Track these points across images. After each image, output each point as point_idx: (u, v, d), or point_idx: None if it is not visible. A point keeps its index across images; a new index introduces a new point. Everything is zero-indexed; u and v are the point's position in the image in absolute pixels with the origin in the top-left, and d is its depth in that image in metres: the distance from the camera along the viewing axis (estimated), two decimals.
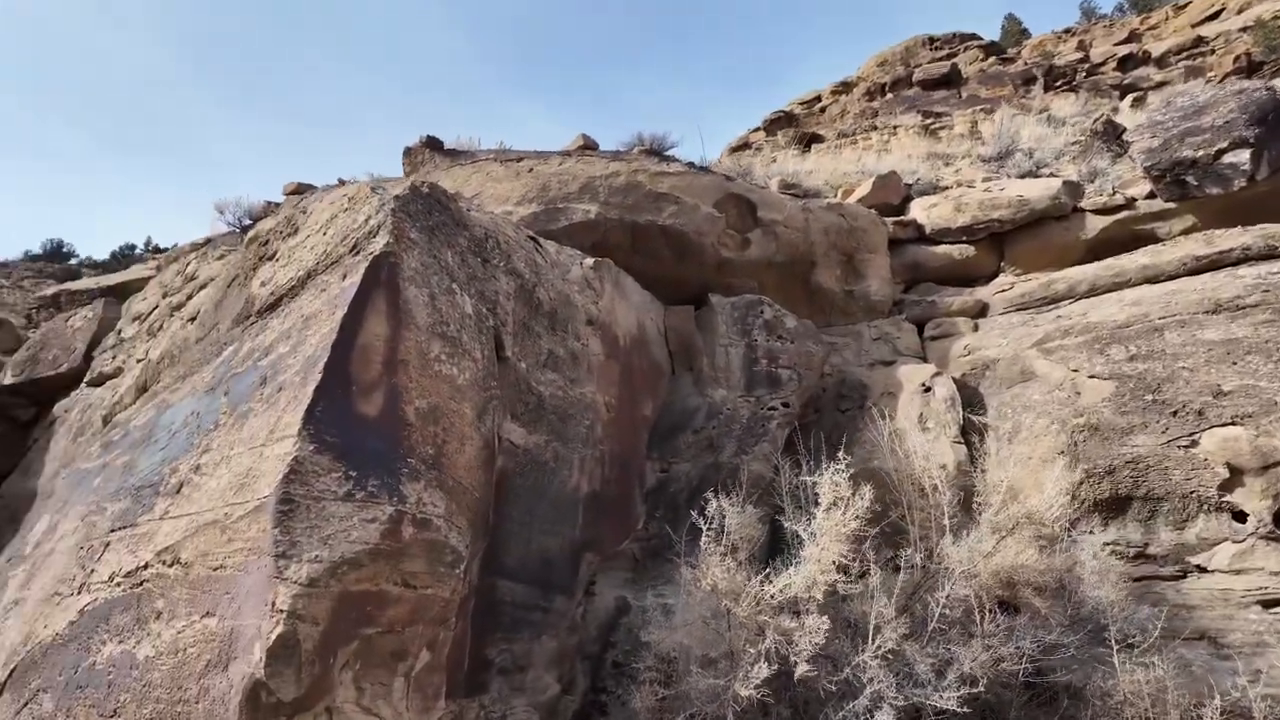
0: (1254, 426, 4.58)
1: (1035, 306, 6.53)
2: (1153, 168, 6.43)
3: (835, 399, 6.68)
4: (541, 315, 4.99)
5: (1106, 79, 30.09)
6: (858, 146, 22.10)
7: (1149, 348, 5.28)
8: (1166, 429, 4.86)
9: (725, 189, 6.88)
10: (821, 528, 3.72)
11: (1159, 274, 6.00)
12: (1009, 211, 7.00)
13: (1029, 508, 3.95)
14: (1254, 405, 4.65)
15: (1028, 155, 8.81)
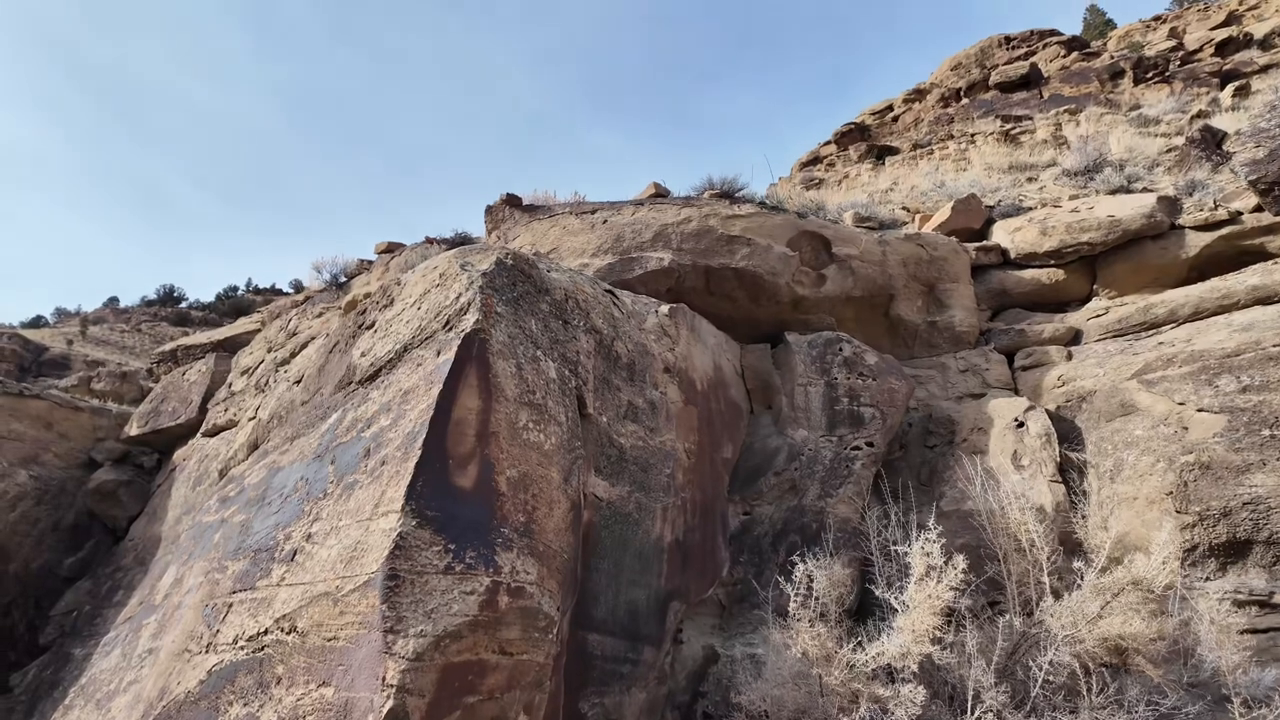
0: None
1: (1133, 333, 6.21)
2: (1259, 180, 6.05)
3: (922, 435, 6.52)
4: (620, 368, 5.11)
5: (1204, 66, 28.34)
6: (934, 157, 21.52)
7: (1264, 378, 4.94)
8: None
9: (798, 227, 6.87)
10: (914, 599, 3.65)
11: (1271, 296, 5.63)
12: (1100, 233, 6.70)
13: (1135, 573, 3.75)
14: None
15: (1118, 168, 8.40)
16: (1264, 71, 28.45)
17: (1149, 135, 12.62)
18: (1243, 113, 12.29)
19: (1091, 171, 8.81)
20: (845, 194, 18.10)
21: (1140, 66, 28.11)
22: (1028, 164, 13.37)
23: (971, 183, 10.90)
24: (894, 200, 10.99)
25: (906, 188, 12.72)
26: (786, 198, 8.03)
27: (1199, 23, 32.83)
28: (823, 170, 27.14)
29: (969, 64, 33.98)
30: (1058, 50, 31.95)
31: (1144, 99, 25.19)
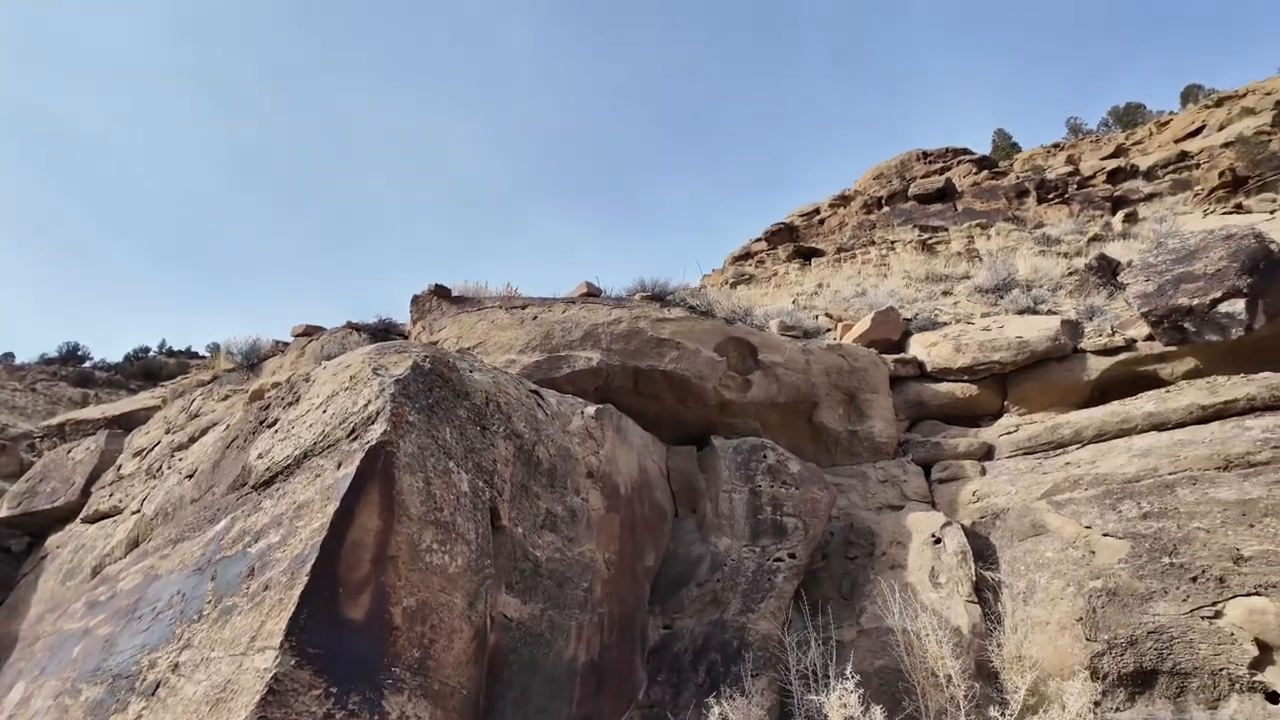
0: (1277, 599, 4.39)
1: (1042, 451, 6.44)
2: (1150, 313, 6.50)
3: (844, 545, 6.50)
4: (540, 474, 4.94)
5: (1098, 191, 31.08)
6: (857, 261, 22.64)
7: (1162, 505, 5.15)
8: (1188, 597, 4.67)
9: (725, 333, 6.97)
10: None
11: (1165, 421, 5.94)
12: (1009, 353, 7.03)
13: None
14: (1278, 574, 4.48)
15: (1025, 289, 8.94)
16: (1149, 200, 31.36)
17: (1051, 255, 13.55)
18: (1133, 240, 13.40)
19: (1001, 290, 9.34)
20: (774, 291, 18.72)
21: (1042, 188, 30.67)
22: (943, 275, 14.11)
23: (890, 292, 11.40)
24: (818, 305, 11.37)
25: (830, 292, 13.24)
26: (716, 301, 8.18)
27: (1092, 152, 36.30)
28: (753, 266, 28.16)
29: (890, 174, 36.41)
30: (970, 168, 34.65)
31: (1046, 218, 27.34)
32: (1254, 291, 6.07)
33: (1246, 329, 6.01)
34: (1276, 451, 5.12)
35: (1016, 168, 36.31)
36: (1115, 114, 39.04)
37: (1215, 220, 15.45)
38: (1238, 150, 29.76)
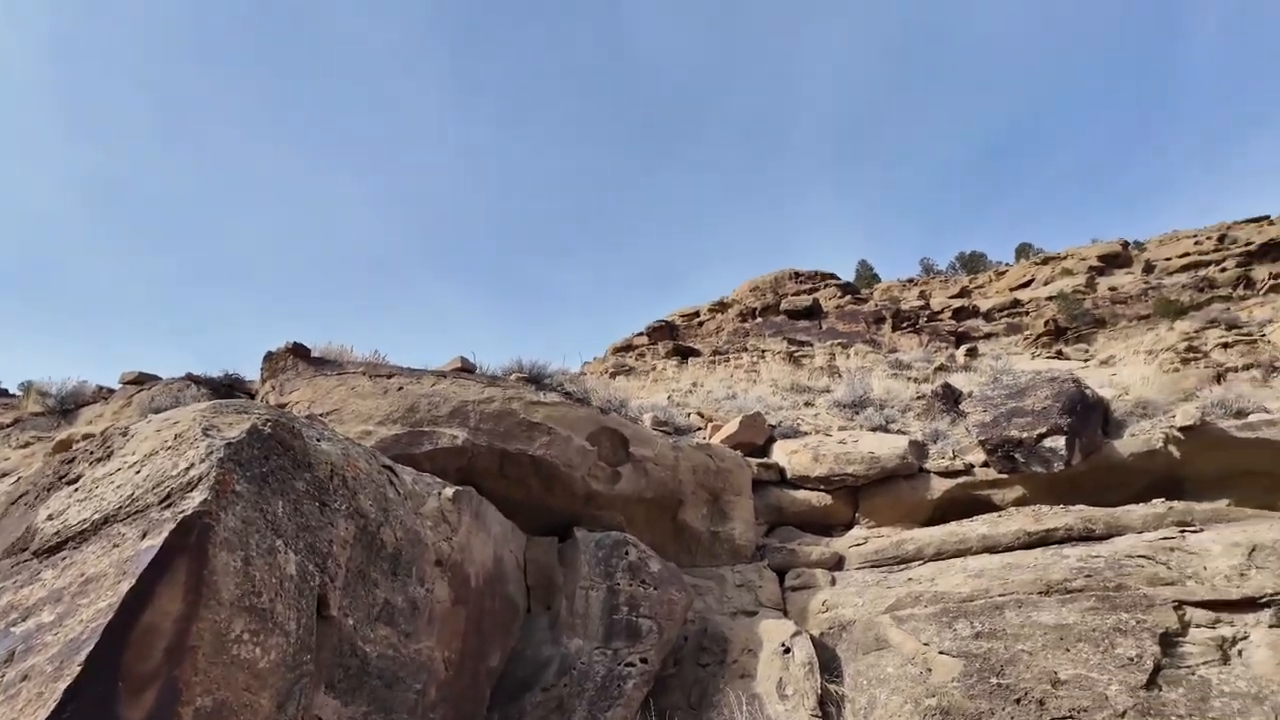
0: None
1: (888, 565, 6.70)
2: (986, 442, 7.07)
3: (696, 651, 6.37)
4: (383, 559, 4.55)
5: (944, 325, 34.34)
6: (730, 365, 23.58)
7: (992, 626, 5.43)
8: (1013, 718, 4.87)
9: (599, 422, 6.91)
10: None
11: (996, 544, 6.37)
12: (862, 467, 7.39)
13: None
14: (1088, 699, 4.78)
15: (879, 408, 9.55)
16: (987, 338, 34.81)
17: (902, 379, 14.63)
18: (973, 373, 14.74)
19: (858, 406, 9.92)
20: (651, 385, 19.04)
21: (897, 317, 33.57)
22: (806, 386, 14.85)
23: (759, 398, 11.84)
24: (691, 403, 11.61)
25: (704, 391, 13.61)
26: (593, 389, 8.15)
27: (941, 290, 40.38)
28: (634, 359, 28.69)
29: (765, 288, 38.77)
30: (836, 291, 37.52)
31: (899, 344, 29.78)
32: (1072, 430, 6.76)
33: (1066, 464, 6.65)
34: (1088, 580, 5.57)
35: (876, 296, 39.73)
36: (962, 259, 43.77)
37: (1041, 363, 17.33)
38: (1059, 304, 34.05)
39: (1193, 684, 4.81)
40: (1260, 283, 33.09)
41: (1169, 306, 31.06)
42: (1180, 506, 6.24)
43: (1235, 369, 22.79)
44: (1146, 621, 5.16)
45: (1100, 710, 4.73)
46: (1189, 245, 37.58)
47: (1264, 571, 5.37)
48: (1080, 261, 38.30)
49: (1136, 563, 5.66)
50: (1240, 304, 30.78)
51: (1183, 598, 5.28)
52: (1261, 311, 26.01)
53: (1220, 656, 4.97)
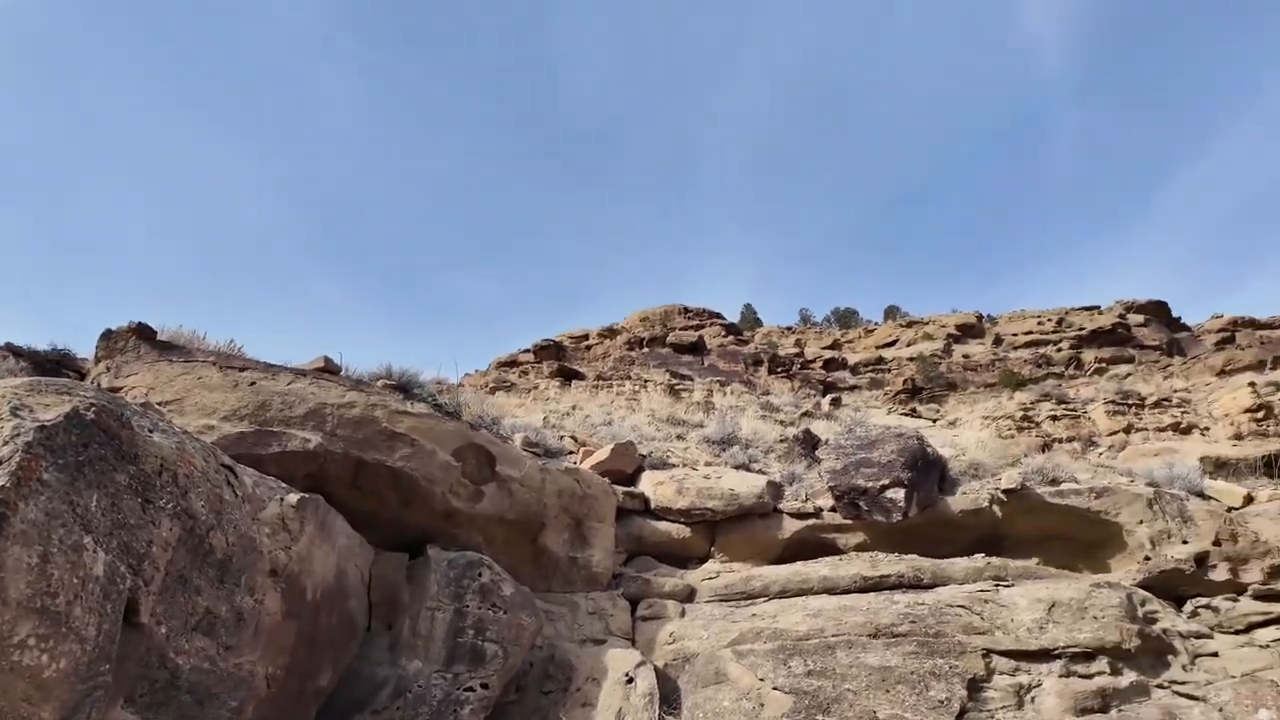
0: None
1: (735, 600, 6.92)
2: (835, 488, 7.50)
3: (541, 678, 6.30)
4: (210, 565, 4.24)
5: (815, 374, 36.14)
6: (612, 391, 23.77)
7: (823, 664, 5.72)
8: None
9: (468, 438, 6.77)
10: None
11: (835, 586, 6.74)
12: (721, 502, 7.64)
13: None
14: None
15: (744, 447, 9.91)
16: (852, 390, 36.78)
17: (771, 421, 15.24)
18: (835, 422, 15.57)
19: (725, 444, 10.25)
20: (530, 404, 18.85)
21: (774, 362, 35.06)
22: (682, 420, 15.17)
23: (634, 427, 11.99)
24: (567, 426, 11.59)
25: (582, 415, 13.63)
26: (466, 403, 7.98)
27: (815, 341, 42.61)
28: (517, 375, 28.35)
29: (654, 320, 39.51)
30: (720, 330, 38.77)
31: (773, 388, 31.05)
32: (912, 484, 7.29)
33: (904, 515, 7.15)
34: (913, 625, 5.99)
35: (757, 340, 41.41)
36: (836, 314, 46.33)
37: (894, 419, 18.56)
38: (918, 366, 36.74)
39: None
40: (1088, 365, 37.17)
41: (1011, 378, 34.24)
42: (997, 562, 6.85)
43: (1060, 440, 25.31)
44: (958, 667, 5.60)
45: None
46: (1033, 324, 41.73)
47: (1060, 626, 5.97)
48: (940, 328, 41.61)
49: (955, 611, 6.14)
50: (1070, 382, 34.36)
51: (990, 646, 5.78)
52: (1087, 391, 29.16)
53: (1016, 702, 5.46)
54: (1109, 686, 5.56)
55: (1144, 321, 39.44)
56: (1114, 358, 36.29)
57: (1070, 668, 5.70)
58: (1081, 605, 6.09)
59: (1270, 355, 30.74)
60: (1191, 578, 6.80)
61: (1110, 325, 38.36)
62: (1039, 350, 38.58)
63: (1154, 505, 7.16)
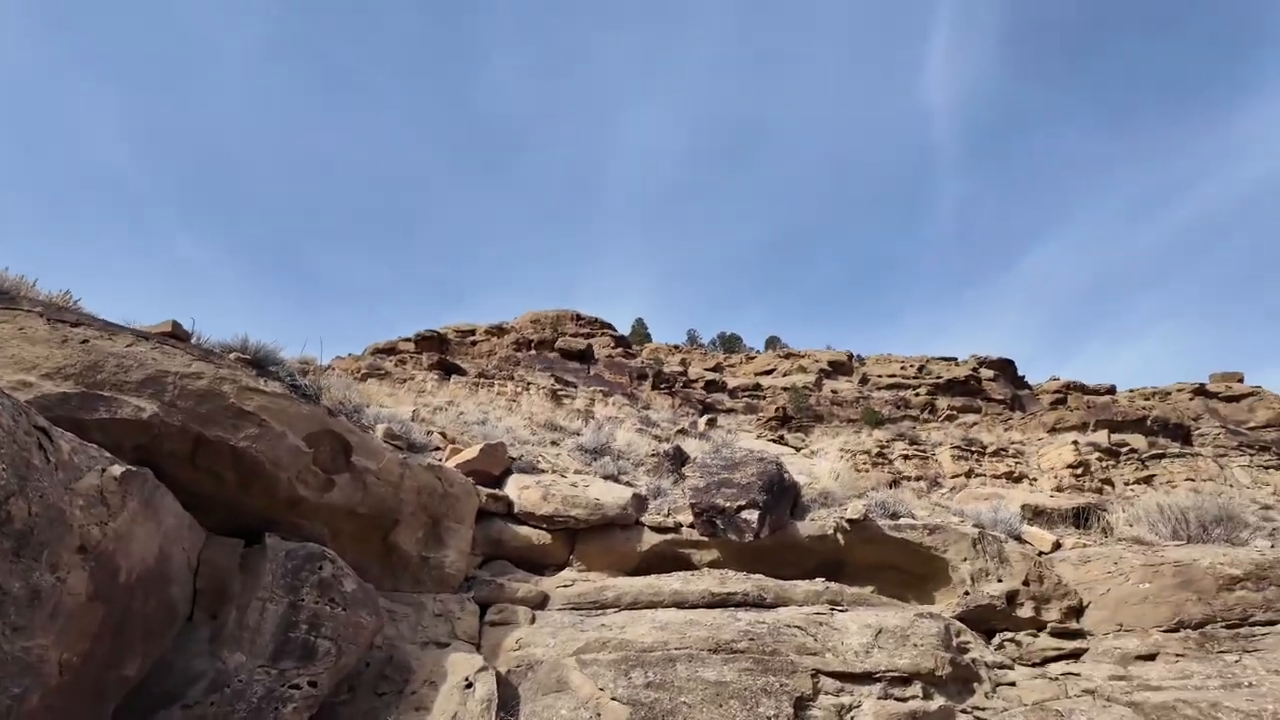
0: None
1: (588, 609, 6.95)
2: (695, 505, 7.71)
3: (377, 679, 6.06)
4: (5, 535, 3.82)
5: (696, 394, 37.03)
6: (493, 390, 23.38)
7: (663, 677, 5.84)
8: None
9: (325, 424, 6.46)
10: None
11: (685, 600, 6.91)
12: (585, 511, 7.67)
13: None
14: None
15: (616, 458, 10.02)
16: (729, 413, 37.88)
17: (647, 435, 15.48)
18: (706, 441, 16.01)
19: (598, 453, 10.32)
20: (403, 394, 18.22)
21: (659, 378, 35.67)
22: (560, 426, 15.14)
23: (509, 429, 11.85)
24: (439, 422, 11.30)
25: (456, 411, 13.31)
26: (329, 386, 7.62)
27: (699, 362, 43.74)
28: (393, 364, 27.30)
29: (545, 323, 39.24)
30: (610, 341, 39.03)
31: (654, 403, 31.56)
32: (766, 507, 7.61)
33: (755, 535, 7.44)
34: (751, 643, 6.23)
35: (644, 354, 41.96)
36: (722, 338, 47.78)
37: (762, 444, 19.31)
38: (790, 396, 38.43)
39: None
40: (941, 411, 40.17)
41: (872, 416, 36.49)
42: (835, 587, 7.26)
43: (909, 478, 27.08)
44: (788, 686, 5.88)
45: None
46: (897, 369, 44.72)
47: (884, 651, 6.39)
48: (814, 363, 43.81)
49: (792, 632, 6.45)
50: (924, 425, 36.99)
51: (820, 667, 6.11)
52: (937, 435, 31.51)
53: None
54: (919, 710, 6.00)
55: (993, 376, 43.20)
56: (964, 407, 39.47)
57: (889, 690, 6.10)
58: (905, 633, 6.54)
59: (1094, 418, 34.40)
60: (1002, 613, 7.47)
61: (964, 377, 41.74)
62: (900, 393, 41.35)
63: (977, 545, 7.82)
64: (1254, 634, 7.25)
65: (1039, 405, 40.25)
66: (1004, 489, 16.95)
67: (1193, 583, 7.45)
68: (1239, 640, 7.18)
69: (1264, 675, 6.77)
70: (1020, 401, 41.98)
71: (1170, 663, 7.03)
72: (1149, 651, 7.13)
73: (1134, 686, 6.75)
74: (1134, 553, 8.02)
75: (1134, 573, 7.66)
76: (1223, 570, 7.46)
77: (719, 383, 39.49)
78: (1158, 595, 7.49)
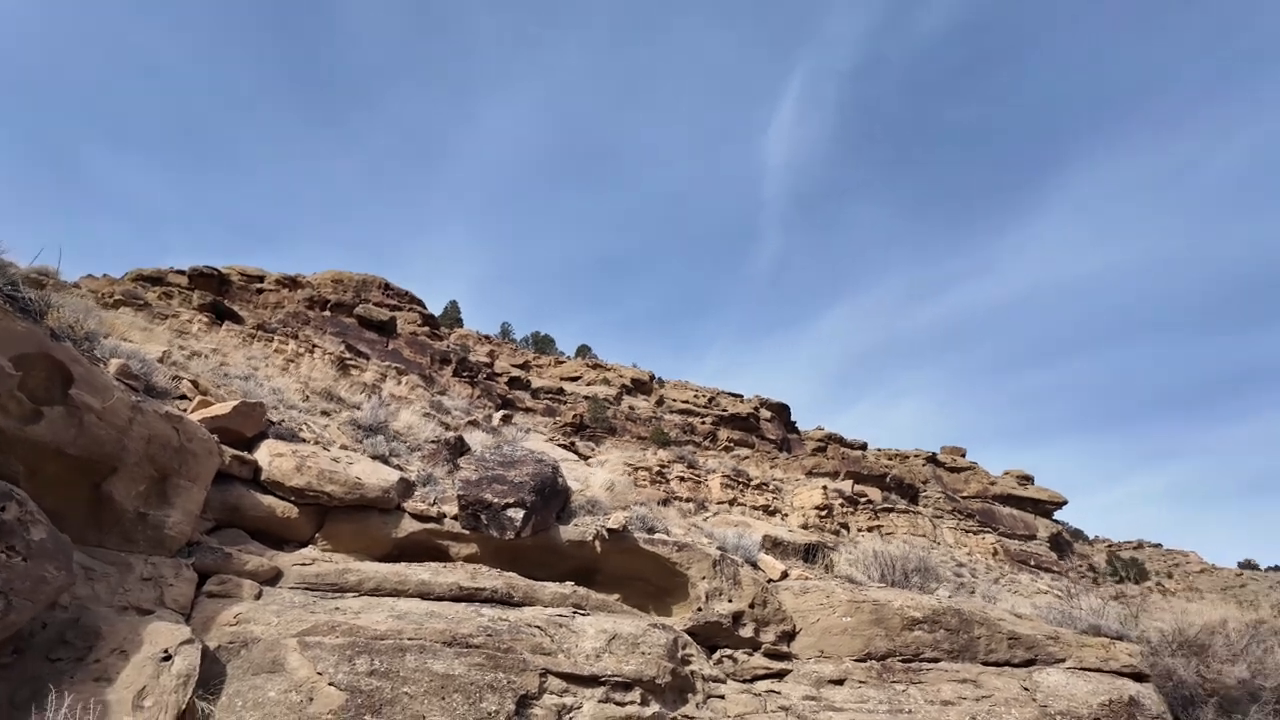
0: None
1: (324, 591, 6.61)
2: (462, 497, 7.63)
3: (54, 642, 5.32)
4: None
5: (498, 388, 36.58)
6: (271, 346, 21.46)
7: (390, 666, 5.70)
8: None
9: (44, 347, 5.60)
10: None
11: (430, 592, 6.81)
12: (342, 489, 7.30)
13: None
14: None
15: (391, 438, 9.64)
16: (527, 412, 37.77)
17: (435, 421, 15.04)
18: (496, 436, 15.87)
19: (374, 431, 9.87)
20: (161, 331, 16.20)
21: (463, 365, 34.79)
22: (340, 398, 14.28)
23: (276, 390, 10.99)
24: (194, 369, 10.21)
25: (218, 361, 12.08)
26: (60, 306, 6.61)
27: (508, 357, 43.29)
28: (157, 296, 24.11)
29: (350, 285, 36.78)
30: (417, 318, 37.45)
31: (452, 390, 30.72)
32: (533, 508, 7.72)
33: (517, 534, 7.52)
34: (489, 639, 6.28)
35: (452, 339, 40.68)
36: (535, 338, 47.67)
37: (550, 447, 19.48)
38: (590, 406, 39.23)
39: None
40: (720, 441, 43.06)
41: (661, 436, 38.26)
42: (581, 592, 7.52)
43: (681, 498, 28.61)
44: (516, 683, 5.99)
45: None
46: (691, 396, 47.31)
47: (613, 656, 6.72)
48: (619, 377, 45.13)
49: (531, 631, 6.58)
50: (704, 452, 39.39)
51: (550, 667, 6.29)
52: (713, 462, 33.71)
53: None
54: (635, 714, 6.38)
55: (770, 417, 47.13)
56: (741, 441, 42.63)
57: (610, 694, 6.42)
58: (636, 640, 6.93)
59: (845, 469, 38.67)
60: (727, 631, 8.16)
61: (745, 414, 45.13)
62: (689, 419, 43.78)
63: (717, 566, 8.49)
64: (922, 668, 8.54)
65: (803, 449, 44.53)
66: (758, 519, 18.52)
67: (884, 620, 8.64)
68: (909, 673, 8.42)
69: (922, 704, 8.00)
70: (789, 444, 46.14)
71: (855, 688, 8.08)
72: (839, 677, 8.15)
73: (821, 706, 7.67)
74: (844, 589, 9.14)
75: (840, 606, 8.72)
76: (908, 612, 8.73)
77: (524, 380, 39.33)
78: (855, 628, 8.59)
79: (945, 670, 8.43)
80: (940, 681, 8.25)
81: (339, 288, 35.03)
